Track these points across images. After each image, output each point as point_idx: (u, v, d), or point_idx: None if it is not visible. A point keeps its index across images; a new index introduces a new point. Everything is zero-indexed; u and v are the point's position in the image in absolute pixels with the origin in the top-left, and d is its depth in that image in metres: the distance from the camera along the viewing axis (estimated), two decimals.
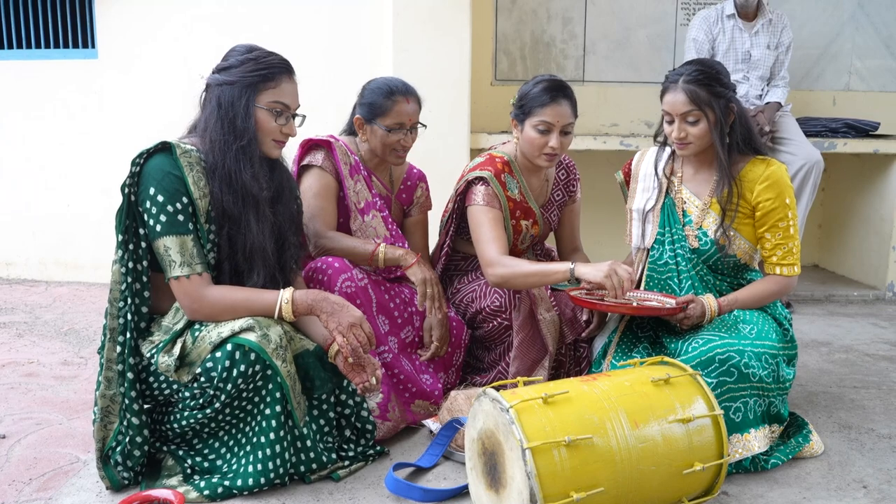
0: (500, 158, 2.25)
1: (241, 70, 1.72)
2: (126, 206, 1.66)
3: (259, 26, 3.56)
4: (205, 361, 1.64)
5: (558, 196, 2.38)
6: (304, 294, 1.73)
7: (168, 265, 1.66)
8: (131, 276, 1.67)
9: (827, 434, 2.04)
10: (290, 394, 1.67)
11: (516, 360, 2.13)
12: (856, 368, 2.65)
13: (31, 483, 1.76)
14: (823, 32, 4.05)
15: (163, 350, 1.68)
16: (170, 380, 1.69)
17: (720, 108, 1.96)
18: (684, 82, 1.96)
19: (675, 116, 1.98)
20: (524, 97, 2.16)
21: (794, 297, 3.59)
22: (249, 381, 1.63)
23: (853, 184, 3.99)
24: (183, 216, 1.66)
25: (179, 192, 1.66)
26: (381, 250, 2.10)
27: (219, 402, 1.64)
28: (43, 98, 3.79)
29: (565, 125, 2.12)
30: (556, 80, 2.16)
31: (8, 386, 2.40)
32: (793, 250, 2.00)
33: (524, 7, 3.98)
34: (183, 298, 1.67)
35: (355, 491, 1.72)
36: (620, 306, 1.94)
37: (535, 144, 2.14)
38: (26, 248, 3.90)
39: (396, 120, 2.14)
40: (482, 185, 2.18)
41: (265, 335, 1.64)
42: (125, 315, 1.67)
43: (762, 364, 1.81)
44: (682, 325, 1.95)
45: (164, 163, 1.66)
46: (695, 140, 1.98)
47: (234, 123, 1.71)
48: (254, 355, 1.61)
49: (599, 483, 1.41)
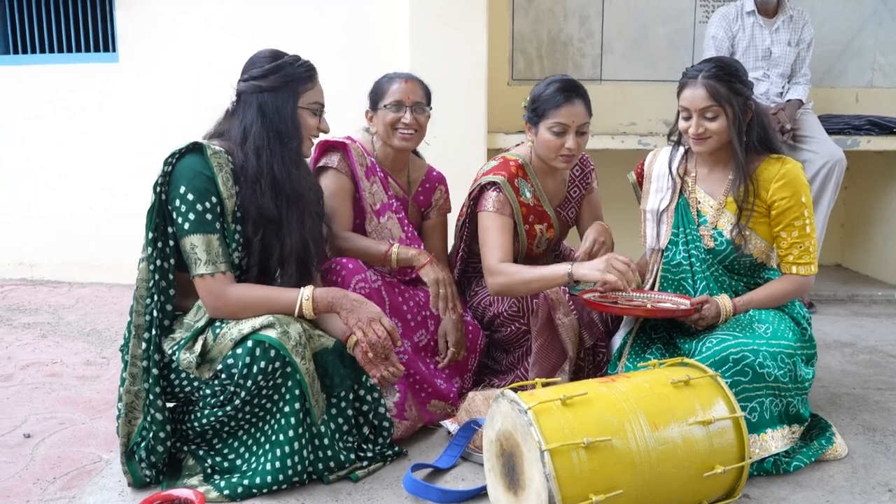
0: (515, 162, 2.22)
1: (281, 75, 1.77)
2: (157, 205, 1.69)
3: (272, 27, 3.59)
4: (226, 358, 1.66)
5: (575, 193, 2.36)
6: (324, 291, 1.74)
7: (193, 263, 1.69)
8: (158, 274, 1.70)
9: (851, 436, 2.01)
10: (308, 390, 1.68)
11: (535, 366, 2.11)
12: (880, 370, 2.61)
13: (56, 482, 1.79)
14: (845, 28, 3.98)
15: (184, 347, 1.70)
16: (191, 377, 1.71)
17: (739, 106, 1.95)
18: (704, 78, 1.95)
19: (693, 112, 1.97)
20: (537, 99, 2.13)
21: (817, 297, 3.54)
22: (269, 377, 1.64)
23: (877, 182, 3.93)
24: (211, 215, 1.69)
25: (209, 191, 1.69)
26: (394, 250, 2.10)
27: (239, 399, 1.66)
28: (68, 100, 3.85)
29: (580, 125, 2.10)
30: (569, 80, 2.13)
31: (32, 386, 2.43)
32: (809, 249, 1.98)
33: (541, 6, 3.96)
34: (206, 296, 1.70)
35: (374, 491, 1.73)
36: (635, 309, 1.93)
37: (552, 147, 2.11)
38: (50, 249, 3.96)
39: (395, 98, 2.16)
40: (494, 191, 2.16)
41: (285, 332, 1.65)
42: (151, 312, 1.71)
43: (777, 364, 1.79)
44: (697, 325, 1.93)
45: (196, 163, 1.70)
46: (713, 136, 1.97)
47: (282, 128, 1.76)
48: (274, 352, 1.63)
49: (618, 485, 1.41)
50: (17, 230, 3.97)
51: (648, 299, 2.01)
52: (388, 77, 2.22)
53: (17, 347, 2.84)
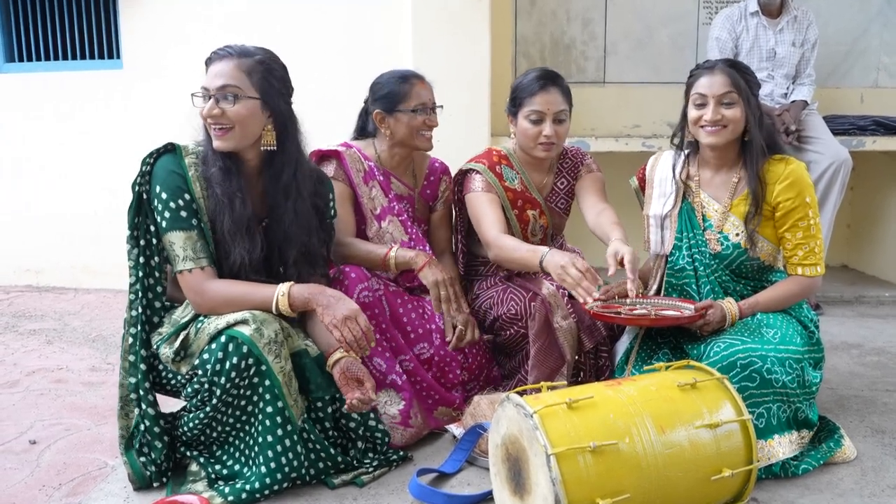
0: (497, 152, 2.29)
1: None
2: (136, 203, 1.74)
3: (272, 27, 3.58)
4: (202, 353, 1.68)
5: (562, 185, 2.36)
6: (301, 288, 1.73)
7: (174, 259, 1.72)
8: (142, 271, 1.75)
9: (859, 439, 2.00)
10: (282, 390, 1.66)
11: (534, 370, 2.09)
12: (888, 371, 2.59)
13: (61, 488, 1.79)
14: (850, 29, 3.97)
15: (166, 341, 1.74)
16: (174, 371, 1.74)
17: (754, 101, 1.95)
18: (723, 65, 1.95)
19: (710, 98, 1.94)
20: (515, 90, 2.19)
21: (824, 299, 3.52)
22: (244, 374, 1.63)
23: (883, 182, 3.90)
24: (186, 212, 1.71)
25: (181, 189, 1.72)
26: (392, 254, 2.08)
27: (215, 397, 1.65)
28: (73, 107, 3.86)
29: (557, 112, 2.14)
30: (546, 70, 2.19)
31: (38, 392, 2.44)
32: (815, 250, 1.96)
33: (544, 8, 3.96)
34: (188, 291, 1.73)
35: (379, 496, 1.72)
36: (638, 319, 1.92)
37: (530, 135, 2.15)
38: (55, 255, 3.97)
39: (419, 101, 2.15)
40: (477, 174, 2.22)
41: (258, 329, 1.64)
42: (136, 308, 1.75)
43: (785, 370, 1.77)
44: (703, 331, 1.91)
45: (170, 162, 1.74)
46: (729, 125, 1.94)
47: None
48: (246, 348, 1.62)
49: (625, 489, 1.40)
50: (23, 236, 3.98)
51: (652, 306, 1.99)
52: (401, 76, 2.18)
53: (22, 354, 2.85)
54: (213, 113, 1.72)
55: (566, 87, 2.18)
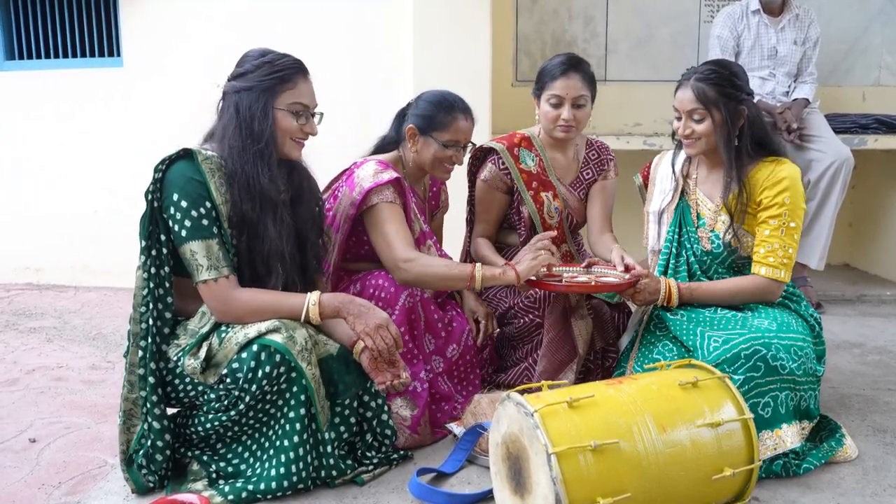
0: (520, 134, 2.35)
1: (257, 75, 1.74)
2: (149, 213, 1.68)
3: (273, 28, 3.59)
4: (231, 362, 1.65)
5: (588, 175, 2.40)
6: (330, 297, 1.74)
7: (195, 269, 1.68)
8: (154, 282, 1.69)
9: (861, 438, 1.99)
10: (314, 396, 1.67)
11: (544, 359, 2.11)
12: (890, 370, 2.58)
13: (61, 487, 1.79)
14: (852, 27, 3.96)
15: (189, 353, 1.69)
16: (195, 382, 1.70)
17: (728, 110, 1.93)
18: (695, 80, 1.96)
19: (682, 113, 1.99)
20: (540, 73, 2.28)
21: (825, 298, 3.51)
22: (274, 382, 1.63)
23: (884, 181, 3.90)
24: (207, 220, 1.68)
25: (202, 196, 1.67)
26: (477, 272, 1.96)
27: (243, 403, 1.65)
28: (73, 105, 3.86)
29: (576, 97, 2.20)
30: (571, 55, 2.26)
31: (38, 390, 2.43)
32: (778, 252, 1.92)
33: (545, 7, 3.95)
34: (211, 301, 1.69)
35: (379, 495, 1.72)
36: (577, 286, 1.99)
37: (549, 117, 2.24)
38: (56, 253, 3.97)
39: (454, 136, 2.08)
40: (490, 163, 2.32)
41: (291, 337, 1.64)
42: (147, 320, 1.69)
43: (791, 356, 1.77)
44: (635, 300, 1.96)
45: (187, 169, 1.68)
46: (701, 137, 1.98)
47: (252, 128, 1.72)
48: (279, 356, 1.62)
49: (626, 488, 1.39)
50: (23, 235, 3.98)
51: (593, 274, 2.06)
52: (448, 104, 2.08)
53: (22, 352, 2.85)
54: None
55: (590, 74, 2.24)
